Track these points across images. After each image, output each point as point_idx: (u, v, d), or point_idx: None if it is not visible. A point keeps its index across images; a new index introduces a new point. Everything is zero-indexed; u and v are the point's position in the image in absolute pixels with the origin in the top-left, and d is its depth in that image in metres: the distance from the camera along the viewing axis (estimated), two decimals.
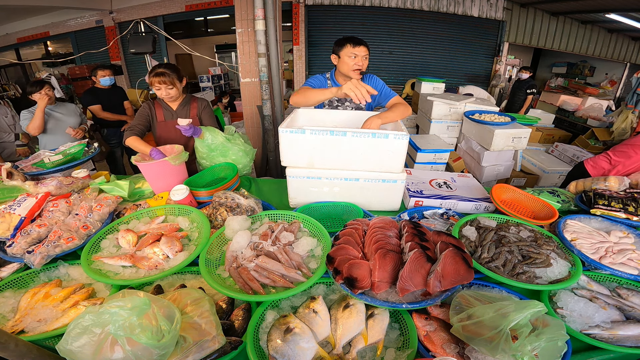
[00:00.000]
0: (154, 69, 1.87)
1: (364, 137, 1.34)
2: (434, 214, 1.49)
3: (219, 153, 1.82)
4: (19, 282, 1.10)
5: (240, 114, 5.44)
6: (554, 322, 0.79)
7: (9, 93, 6.48)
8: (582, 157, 3.45)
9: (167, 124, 1.99)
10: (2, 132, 3.31)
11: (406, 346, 0.87)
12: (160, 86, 1.85)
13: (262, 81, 2.82)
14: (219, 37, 8.03)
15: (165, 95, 1.90)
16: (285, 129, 1.37)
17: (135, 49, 3.92)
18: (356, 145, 1.36)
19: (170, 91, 1.88)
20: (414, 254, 0.96)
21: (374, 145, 1.35)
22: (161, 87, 1.86)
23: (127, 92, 3.81)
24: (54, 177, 1.60)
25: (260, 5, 2.55)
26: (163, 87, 1.86)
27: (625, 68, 6.97)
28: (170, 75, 1.86)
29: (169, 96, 1.91)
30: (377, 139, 1.33)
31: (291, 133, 1.37)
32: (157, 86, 1.86)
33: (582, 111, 5.68)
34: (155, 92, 1.91)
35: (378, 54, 6.47)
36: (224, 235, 1.22)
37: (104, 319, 0.68)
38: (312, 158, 1.43)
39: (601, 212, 1.39)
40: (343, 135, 1.34)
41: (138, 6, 6.29)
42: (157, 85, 1.85)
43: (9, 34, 7.05)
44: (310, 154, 1.41)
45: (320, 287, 1.05)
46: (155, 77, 1.84)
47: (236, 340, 0.84)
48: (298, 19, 6.02)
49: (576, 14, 6.16)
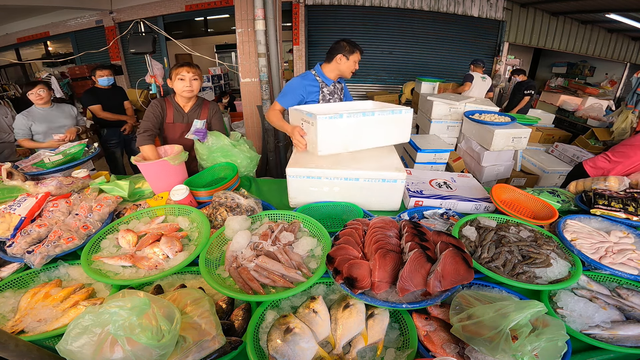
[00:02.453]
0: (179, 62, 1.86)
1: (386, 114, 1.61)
2: (434, 214, 1.49)
3: (221, 155, 1.82)
4: (19, 282, 1.10)
5: (240, 114, 5.44)
6: (554, 322, 0.79)
7: (9, 93, 6.48)
8: (582, 157, 3.45)
9: (176, 126, 1.97)
10: (2, 133, 3.30)
11: (406, 346, 0.87)
12: (186, 76, 1.81)
13: (262, 81, 2.82)
14: (219, 37, 8.03)
15: (187, 87, 1.85)
16: (324, 116, 1.43)
17: (135, 49, 3.91)
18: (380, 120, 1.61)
19: (193, 82, 1.85)
20: (414, 254, 0.96)
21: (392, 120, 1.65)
22: (185, 78, 1.82)
23: (126, 92, 3.81)
24: (54, 177, 1.61)
25: (260, 5, 2.55)
26: (187, 78, 1.82)
27: (625, 68, 6.97)
28: (195, 66, 1.85)
29: (190, 89, 1.86)
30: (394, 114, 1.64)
31: (330, 119, 1.45)
32: (182, 75, 1.82)
33: (582, 111, 5.68)
34: (175, 85, 1.87)
35: (378, 54, 6.47)
36: (224, 235, 1.22)
37: (104, 319, 0.68)
38: (347, 142, 1.57)
39: (601, 212, 1.39)
40: (372, 115, 1.57)
41: (138, 6, 6.29)
42: (182, 75, 1.81)
43: (9, 34, 7.06)
44: (344, 138, 1.55)
45: (320, 287, 1.05)
46: (182, 67, 1.81)
47: (236, 340, 0.84)
48: (298, 19, 6.02)
49: (576, 14, 6.16)
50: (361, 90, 6.71)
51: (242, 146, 1.88)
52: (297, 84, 2.05)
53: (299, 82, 2.05)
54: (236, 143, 1.86)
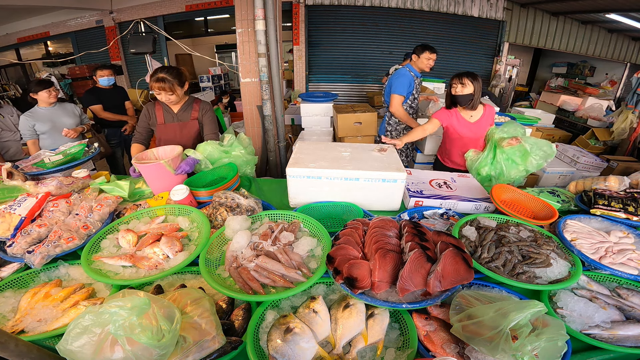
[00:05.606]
0: (155, 73, 1.84)
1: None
2: (434, 214, 1.49)
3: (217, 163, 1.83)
4: (19, 282, 1.10)
5: (240, 114, 5.44)
6: (554, 322, 0.79)
7: (9, 93, 6.48)
8: (582, 157, 3.45)
9: (167, 127, 1.98)
10: (9, 131, 3.30)
11: (406, 346, 0.87)
12: (160, 92, 1.84)
13: (262, 81, 2.81)
14: (219, 37, 8.03)
15: (166, 100, 1.89)
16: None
17: (135, 49, 3.91)
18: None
19: (170, 97, 1.87)
20: (414, 254, 0.96)
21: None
22: (161, 93, 1.84)
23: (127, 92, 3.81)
24: (54, 177, 1.61)
25: (260, 5, 2.55)
26: (163, 93, 1.84)
27: (625, 68, 6.97)
28: (170, 81, 1.82)
29: (169, 101, 1.90)
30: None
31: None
32: (157, 91, 1.84)
33: (582, 111, 5.67)
34: (156, 96, 1.90)
35: (378, 54, 6.47)
36: (224, 235, 1.22)
37: (104, 318, 0.68)
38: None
39: (601, 212, 1.39)
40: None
41: (138, 6, 6.29)
42: (157, 91, 1.84)
43: (9, 34, 7.06)
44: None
45: (320, 287, 1.05)
46: (156, 83, 1.81)
47: (236, 340, 0.84)
48: (298, 19, 6.02)
49: (576, 14, 6.16)
50: (361, 90, 6.71)
51: (237, 150, 1.87)
52: (405, 76, 2.82)
53: (407, 76, 2.82)
54: (229, 149, 1.85)
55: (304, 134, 3.56)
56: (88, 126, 2.87)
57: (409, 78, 2.79)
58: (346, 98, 6.71)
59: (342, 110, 3.34)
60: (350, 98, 6.75)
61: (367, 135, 3.27)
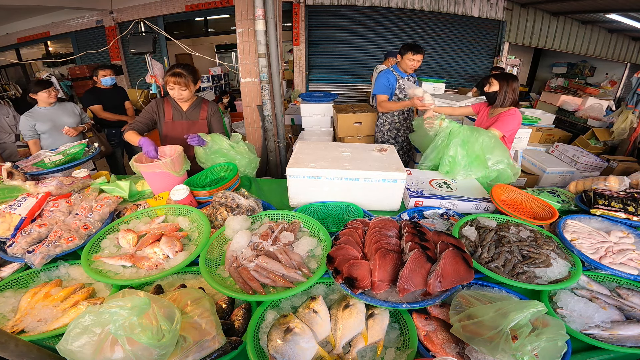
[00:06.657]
0: (172, 68, 1.87)
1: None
2: (434, 214, 1.49)
3: (219, 155, 1.82)
4: (19, 282, 1.10)
5: (240, 114, 5.44)
6: (554, 322, 0.79)
7: (9, 93, 6.48)
8: (582, 157, 3.45)
9: (175, 124, 1.99)
10: (3, 133, 3.29)
11: (406, 346, 0.87)
12: (174, 86, 1.86)
13: (262, 81, 2.82)
14: (219, 37, 8.04)
15: (177, 95, 1.90)
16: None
17: (135, 49, 3.90)
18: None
19: (182, 92, 1.88)
20: (414, 254, 0.96)
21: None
22: (174, 87, 1.86)
23: (127, 92, 3.81)
24: (55, 177, 1.61)
25: (260, 5, 2.55)
26: (176, 88, 1.86)
27: (625, 68, 6.96)
28: (186, 76, 1.86)
29: (181, 97, 1.92)
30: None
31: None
32: (170, 85, 1.86)
33: (582, 111, 5.66)
34: (168, 91, 1.91)
35: (378, 54, 6.46)
36: (224, 235, 1.22)
37: (104, 318, 0.68)
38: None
39: (601, 212, 1.39)
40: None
41: (138, 6, 6.29)
42: (171, 85, 1.86)
43: (9, 34, 7.06)
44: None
45: (320, 287, 1.05)
46: (171, 77, 1.84)
47: (236, 340, 0.84)
48: (298, 19, 6.02)
49: (576, 14, 6.15)
50: (361, 90, 6.71)
51: (241, 148, 1.88)
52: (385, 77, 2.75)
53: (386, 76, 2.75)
54: (235, 144, 1.86)
55: (304, 134, 3.56)
56: (88, 125, 2.88)
57: (389, 78, 2.74)
58: (346, 98, 6.71)
59: (342, 110, 3.34)
60: (350, 98, 6.74)
61: (367, 135, 3.27)
